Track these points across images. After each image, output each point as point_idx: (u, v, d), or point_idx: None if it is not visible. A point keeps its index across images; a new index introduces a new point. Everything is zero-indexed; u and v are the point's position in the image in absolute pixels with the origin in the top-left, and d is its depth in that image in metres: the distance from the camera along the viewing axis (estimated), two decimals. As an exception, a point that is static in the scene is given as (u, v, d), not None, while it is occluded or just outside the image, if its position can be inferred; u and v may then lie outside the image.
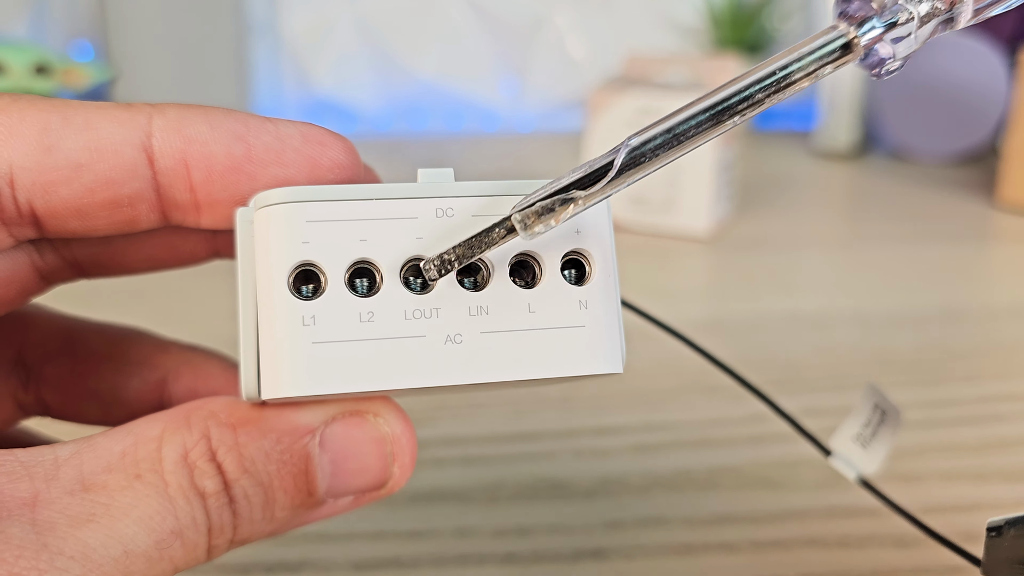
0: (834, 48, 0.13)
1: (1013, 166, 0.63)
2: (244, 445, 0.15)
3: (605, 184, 0.14)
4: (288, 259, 0.14)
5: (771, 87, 0.13)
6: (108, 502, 0.13)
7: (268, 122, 0.16)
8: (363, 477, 0.16)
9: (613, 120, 0.56)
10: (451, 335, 0.15)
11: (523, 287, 0.15)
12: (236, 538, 0.15)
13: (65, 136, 0.15)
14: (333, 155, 0.17)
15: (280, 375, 0.14)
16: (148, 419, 0.15)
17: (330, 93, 0.88)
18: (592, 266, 0.16)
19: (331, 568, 0.25)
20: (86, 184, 0.15)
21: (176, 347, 0.21)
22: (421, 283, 0.15)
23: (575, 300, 0.15)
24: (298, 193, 0.15)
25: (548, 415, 0.34)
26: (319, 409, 0.16)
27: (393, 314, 0.15)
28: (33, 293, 0.19)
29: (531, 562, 0.26)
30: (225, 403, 0.15)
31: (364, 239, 0.15)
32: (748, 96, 0.13)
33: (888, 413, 0.22)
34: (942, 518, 0.28)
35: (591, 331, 0.15)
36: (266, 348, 0.15)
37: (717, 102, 0.14)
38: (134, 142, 0.16)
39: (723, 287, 0.51)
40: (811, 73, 0.13)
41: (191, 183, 0.16)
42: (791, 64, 0.13)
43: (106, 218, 0.16)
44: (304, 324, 0.14)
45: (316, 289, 0.14)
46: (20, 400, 0.21)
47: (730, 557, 0.26)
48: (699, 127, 0.14)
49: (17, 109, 0.15)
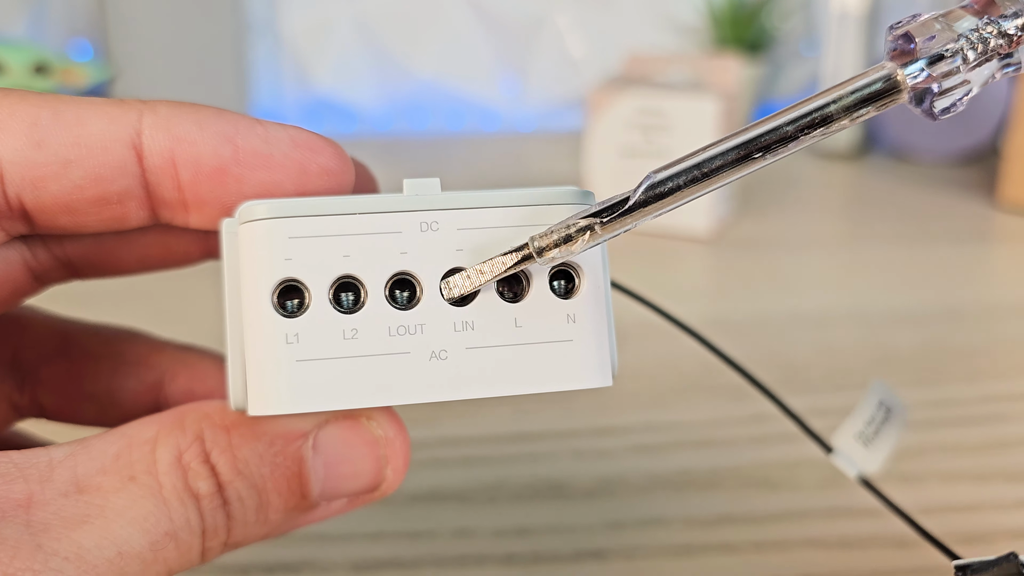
0: (878, 89, 0.13)
1: (1013, 166, 0.63)
2: (238, 447, 0.15)
3: (622, 215, 0.13)
4: (271, 276, 0.14)
5: (809, 126, 0.13)
6: (102, 503, 0.13)
7: (258, 124, 0.16)
8: (356, 480, 0.16)
9: (613, 120, 0.56)
10: (436, 351, 0.15)
11: (510, 300, 0.15)
12: (230, 540, 0.15)
13: (55, 132, 0.15)
14: (322, 161, 0.16)
15: (265, 393, 0.14)
16: (142, 421, 0.15)
17: (330, 93, 0.88)
18: (581, 278, 0.15)
19: (331, 568, 0.25)
20: (75, 180, 0.15)
21: (172, 347, 0.21)
22: (407, 297, 0.15)
23: (563, 314, 0.15)
24: (280, 208, 0.14)
25: (548, 415, 0.34)
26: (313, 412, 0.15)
27: (377, 331, 0.14)
28: (26, 294, 0.19)
29: (531, 562, 0.26)
30: (219, 406, 0.15)
31: (347, 255, 0.14)
32: (783, 134, 0.13)
33: (894, 411, 0.21)
34: (942, 518, 0.28)
35: (579, 345, 0.15)
36: (252, 363, 0.14)
37: (750, 139, 0.13)
38: (123, 139, 0.15)
39: (723, 287, 0.51)
40: (852, 112, 0.13)
41: (179, 182, 0.16)
42: (831, 103, 0.13)
43: (95, 215, 0.16)
44: (288, 342, 0.14)
45: (301, 304, 0.14)
46: (15, 402, 0.21)
47: (730, 557, 0.26)
48: (728, 165, 0.13)
49: (7, 104, 0.15)
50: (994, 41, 0.13)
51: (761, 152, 0.13)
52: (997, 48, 0.13)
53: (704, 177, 0.13)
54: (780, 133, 0.13)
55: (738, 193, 0.63)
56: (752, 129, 0.13)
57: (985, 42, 0.13)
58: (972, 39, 0.13)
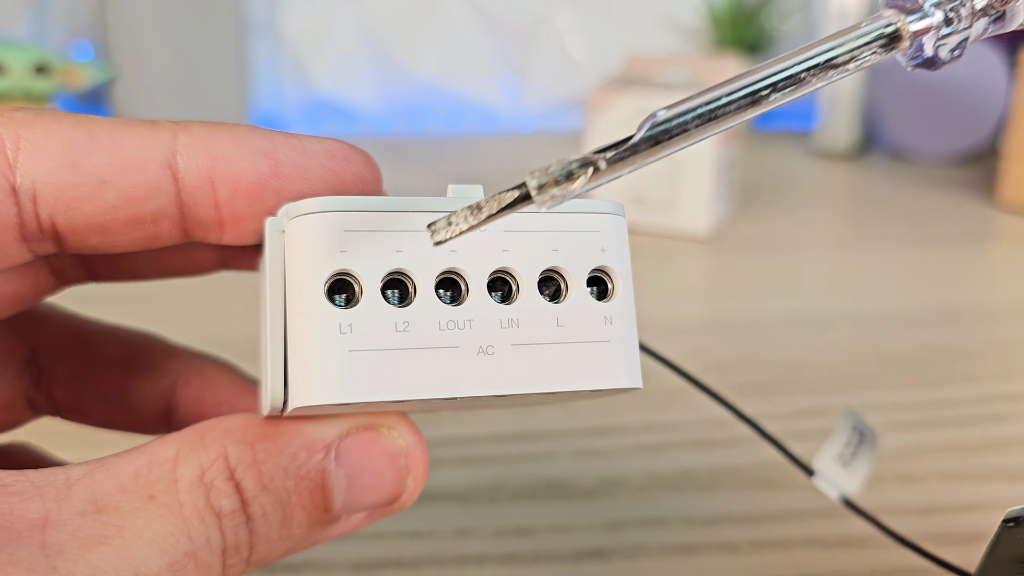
0: (882, 35, 0.13)
1: (1013, 166, 0.63)
2: (263, 462, 0.15)
3: (626, 155, 0.13)
4: (326, 267, 0.14)
5: (815, 67, 0.13)
6: (120, 524, 0.13)
7: (293, 138, 0.16)
8: (378, 492, 0.16)
9: (613, 120, 0.56)
10: (483, 346, 0.15)
11: (550, 301, 0.15)
12: (253, 557, 0.15)
13: (90, 152, 0.15)
14: (356, 170, 0.17)
15: (314, 383, 0.14)
16: (161, 440, 0.15)
17: (330, 93, 0.88)
18: (615, 283, 0.16)
19: (331, 568, 0.25)
20: (109, 201, 0.15)
21: (187, 354, 0.21)
22: (451, 295, 0.15)
23: (601, 315, 0.16)
24: (336, 203, 0.15)
25: (548, 415, 0.34)
26: (334, 423, 0.15)
27: (428, 324, 0.15)
28: (47, 292, 0.19)
29: (531, 562, 0.26)
30: (239, 421, 0.15)
31: (400, 250, 0.15)
32: (791, 75, 0.13)
33: (866, 435, 0.22)
34: (942, 518, 0.28)
35: (616, 346, 0.16)
36: (297, 357, 0.14)
37: (758, 79, 0.13)
38: (159, 159, 0.16)
39: (723, 287, 0.51)
40: (855, 58, 0.13)
41: (216, 200, 0.16)
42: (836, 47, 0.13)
43: (127, 235, 0.16)
44: (341, 332, 0.14)
45: (349, 299, 0.15)
46: (31, 398, 0.21)
47: (730, 557, 0.26)
48: (735, 104, 0.13)
49: (42, 124, 0.15)
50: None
51: (769, 92, 0.13)
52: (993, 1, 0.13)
53: (711, 116, 0.13)
54: (788, 74, 0.13)
55: (738, 193, 0.63)
56: (760, 70, 0.13)
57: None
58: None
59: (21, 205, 0.15)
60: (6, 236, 0.15)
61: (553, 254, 0.16)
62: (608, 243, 0.16)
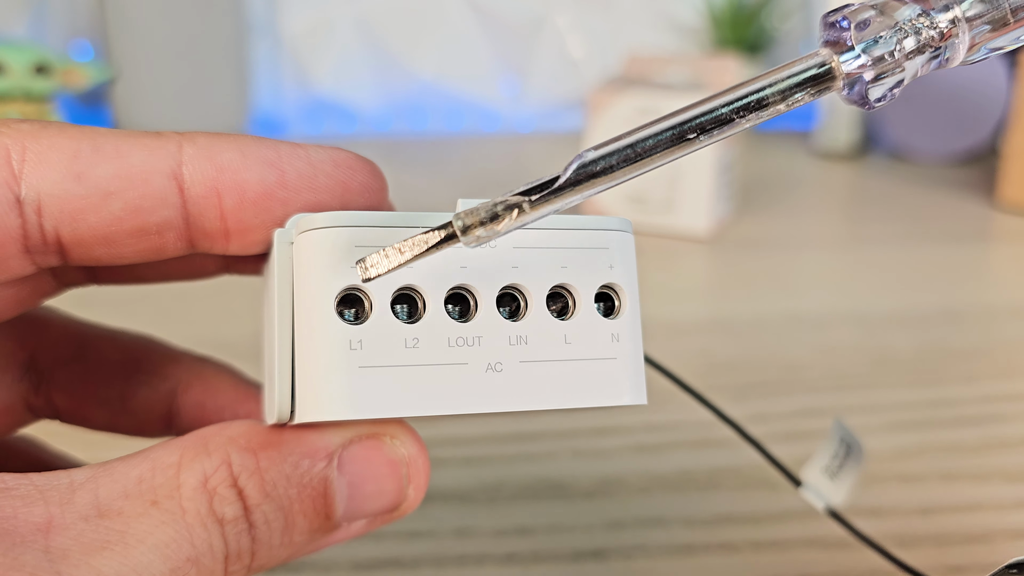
0: (812, 75, 0.13)
1: (1013, 166, 0.63)
2: (266, 470, 0.15)
3: (551, 195, 0.13)
4: (336, 282, 0.14)
5: (743, 109, 0.13)
6: (123, 529, 0.13)
7: (299, 148, 0.16)
8: (379, 500, 0.16)
9: (613, 120, 0.56)
10: (492, 363, 0.15)
11: (558, 317, 0.16)
12: (254, 564, 0.15)
13: (95, 163, 0.15)
14: (362, 179, 0.17)
15: (322, 399, 0.14)
16: (165, 445, 0.15)
17: (330, 93, 0.88)
18: (623, 300, 0.16)
19: (331, 568, 0.25)
20: (115, 212, 0.15)
21: (188, 358, 0.21)
22: (460, 311, 0.15)
23: (608, 332, 0.16)
24: (346, 218, 0.15)
25: (548, 415, 0.34)
26: (337, 432, 0.15)
27: (438, 341, 0.15)
28: (48, 295, 0.19)
29: (531, 562, 0.26)
30: (242, 428, 0.15)
31: (411, 266, 0.15)
32: (718, 116, 0.13)
33: (852, 447, 0.22)
34: (942, 518, 0.28)
35: (622, 363, 0.16)
36: (305, 372, 0.14)
37: (684, 120, 0.13)
38: (164, 170, 0.15)
39: (723, 287, 0.51)
40: (787, 98, 0.13)
41: (222, 211, 0.16)
42: (766, 87, 0.13)
43: (132, 246, 0.16)
44: (351, 348, 0.14)
45: (358, 315, 0.15)
46: (31, 402, 0.21)
47: (730, 557, 0.26)
48: (662, 146, 0.13)
49: (47, 136, 0.15)
50: (926, 33, 0.13)
51: (696, 134, 0.13)
52: (929, 41, 0.13)
53: (637, 158, 0.13)
54: (715, 115, 0.13)
55: (738, 193, 0.63)
56: (687, 111, 0.13)
57: (919, 33, 0.13)
58: (906, 28, 0.13)
59: (25, 217, 0.15)
60: (9, 248, 0.15)
61: (562, 271, 0.16)
62: (616, 260, 0.16)
